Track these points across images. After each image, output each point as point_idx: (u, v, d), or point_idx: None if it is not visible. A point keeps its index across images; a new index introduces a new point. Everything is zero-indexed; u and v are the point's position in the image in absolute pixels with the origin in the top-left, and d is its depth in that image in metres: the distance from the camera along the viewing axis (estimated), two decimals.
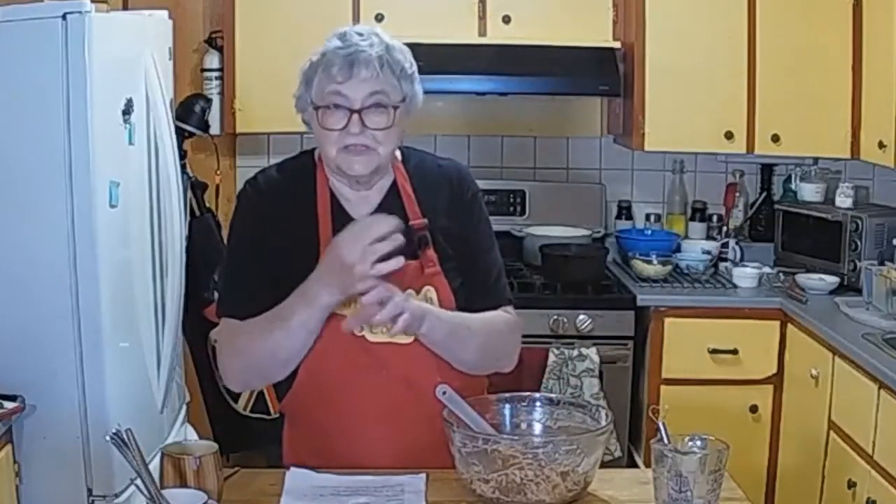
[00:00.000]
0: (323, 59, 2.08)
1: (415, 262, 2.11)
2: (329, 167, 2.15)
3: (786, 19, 3.94)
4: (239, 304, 2.12)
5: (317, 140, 2.14)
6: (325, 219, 2.12)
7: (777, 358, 3.83)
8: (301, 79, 2.14)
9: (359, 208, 2.16)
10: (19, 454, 2.55)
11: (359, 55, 2.05)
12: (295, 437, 2.26)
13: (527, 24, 4.04)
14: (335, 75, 2.05)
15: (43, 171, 2.51)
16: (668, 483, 1.89)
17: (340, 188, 2.16)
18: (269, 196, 2.17)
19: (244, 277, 2.15)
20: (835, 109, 3.89)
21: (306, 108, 2.13)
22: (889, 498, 2.93)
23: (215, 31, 4.17)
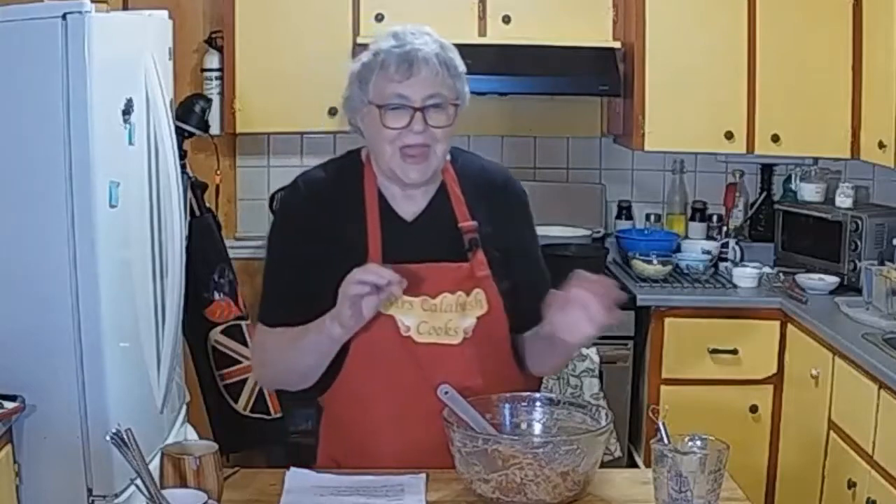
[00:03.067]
0: (377, 59, 2.07)
1: (465, 265, 2.12)
2: (380, 169, 2.13)
3: (786, 19, 3.94)
4: (273, 311, 2.15)
5: (371, 140, 2.12)
6: (374, 219, 2.12)
7: (777, 358, 3.83)
8: (352, 79, 2.11)
9: (407, 208, 2.16)
10: (19, 454, 2.55)
11: (416, 53, 2.06)
12: (331, 432, 2.24)
13: (527, 24, 4.04)
14: (393, 74, 2.05)
15: (43, 171, 2.51)
16: (668, 483, 1.89)
17: (389, 187, 2.15)
18: (312, 199, 2.16)
19: (281, 286, 2.16)
20: (835, 109, 3.89)
21: (360, 108, 2.11)
22: (889, 498, 2.93)
23: (215, 31, 4.17)
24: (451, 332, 2.10)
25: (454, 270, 2.10)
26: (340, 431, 2.20)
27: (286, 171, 4.40)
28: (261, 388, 3.87)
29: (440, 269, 2.10)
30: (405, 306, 2.07)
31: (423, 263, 2.09)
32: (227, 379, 3.85)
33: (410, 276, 2.01)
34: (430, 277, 2.08)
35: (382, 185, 2.16)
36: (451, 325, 2.10)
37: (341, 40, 4.05)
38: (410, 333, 2.08)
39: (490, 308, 2.13)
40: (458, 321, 2.10)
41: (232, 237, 4.32)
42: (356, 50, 4.03)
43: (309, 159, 4.43)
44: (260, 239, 4.43)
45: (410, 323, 2.08)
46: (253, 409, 3.86)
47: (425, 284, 2.08)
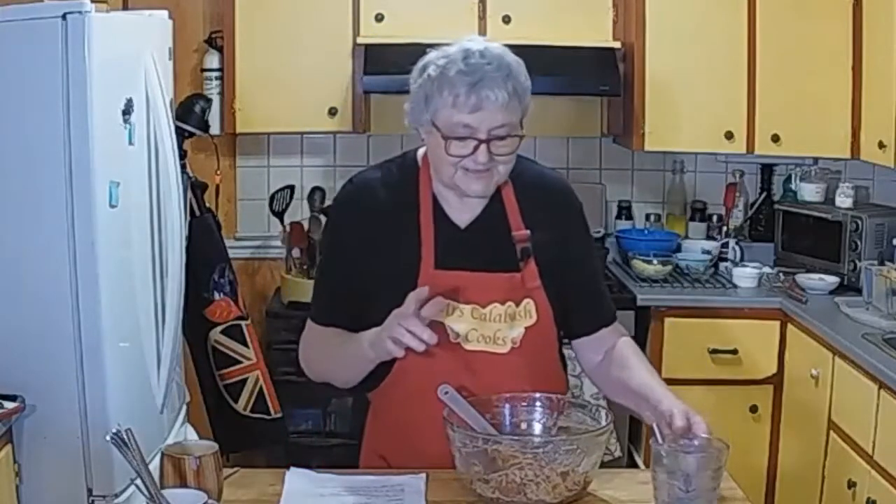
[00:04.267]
0: (445, 80, 2.04)
1: (517, 275, 2.14)
2: (441, 181, 2.14)
3: (786, 19, 3.94)
4: (323, 311, 2.20)
5: (433, 155, 2.12)
6: (428, 225, 2.13)
7: (777, 358, 3.83)
8: (418, 94, 2.10)
9: (461, 214, 2.17)
10: (19, 454, 2.55)
11: (483, 83, 2.02)
12: (378, 427, 2.25)
13: (527, 24, 4.04)
14: (461, 105, 2.02)
15: (43, 171, 2.51)
16: (667, 483, 1.89)
17: (444, 193, 2.16)
18: (365, 203, 2.17)
19: (332, 286, 2.20)
20: (835, 109, 3.89)
21: (423, 123, 2.11)
22: (889, 498, 2.93)
23: (215, 31, 4.17)
24: (499, 341, 2.13)
25: (506, 280, 2.13)
26: (388, 429, 2.22)
27: (286, 171, 4.41)
28: (261, 388, 3.87)
29: (492, 278, 2.13)
30: (456, 313, 2.10)
31: (476, 272, 2.11)
32: (227, 379, 3.85)
33: (462, 285, 2.07)
34: (482, 286, 2.11)
35: (438, 190, 2.17)
36: (499, 335, 2.13)
37: (341, 40, 4.05)
38: (459, 340, 2.11)
39: (539, 318, 2.16)
40: (506, 331, 2.13)
41: (232, 237, 4.32)
42: (356, 50, 4.03)
43: (309, 159, 4.45)
44: (260, 239, 4.45)
45: (460, 330, 2.11)
46: (253, 409, 3.86)
47: (476, 293, 2.11)
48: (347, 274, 2.17)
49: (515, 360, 2.14)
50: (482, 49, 2.07)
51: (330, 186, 4.37)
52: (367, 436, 2.28)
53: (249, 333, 3.86)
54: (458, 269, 2.11)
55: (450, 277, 2.09)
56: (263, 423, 3.88)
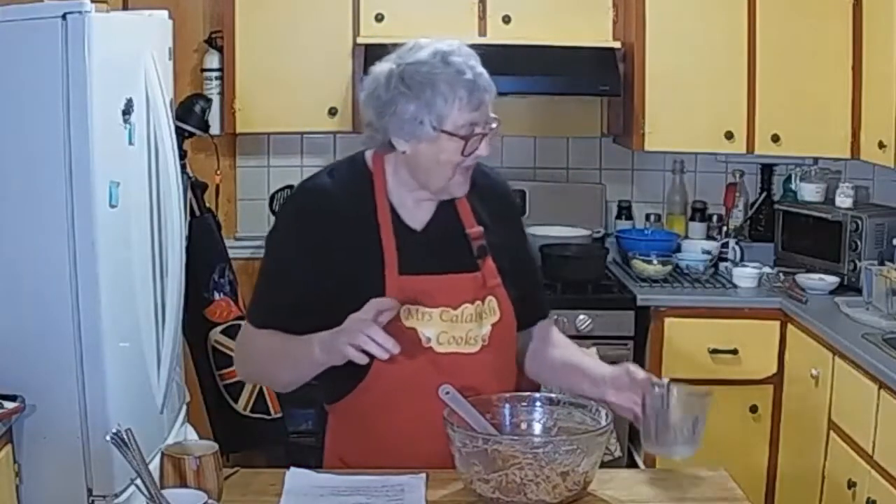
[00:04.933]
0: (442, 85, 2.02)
1: (478, 273, 2.14)
2: (428, 186, 2.11)
3: (786, 19, 3.94)
4: (263, 314, 2.15)
5: (428, 163, 2.07)
6: (387, 229, 2.11)
7: (777, 358, 3.83)
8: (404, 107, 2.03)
9: (416, 216, 2.16)
10: (19, 454, 2.55)
11: (478, 80, 2.05)
12: (343, 430, 2.26)
13: (527, 24, 4.04)
14: (466, 105, 2.03)
15: (43, 171, 2.51)
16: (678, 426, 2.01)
17: (400, 196, 2.15)
18: (319, 208, 2.14)
19: (277, 292, 2.15)
20: (835, 109, 3.89)
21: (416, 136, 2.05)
22: (889, 498, 2.93)
23: (215, 31, 4.17)
24: (470, 341, 2.12)
25: (470, 280, 2.13)
26: (354, 433, 2.21)
27: (286, 171, 4.41)
28: (261, 388, 3.87)
29: (458, 279, 2.12)
30: (425, 318, 2.09)
31: (441, 275, 2.11)
32: (227, 379, 3.85)
33: (429, 288, 2.07)
34: (449, 288, 2.11)
35: (392, 193, 2.15)
36: (470, 335, 2.12)
37: (341, 40, 4.05)
38: (431, 344, 2.10)
39: (502, 314, 2.16)
40: (476, 330, 2.13)
41: (232, 237, 4.32)
42: (356, 50, 4.03)
43: (309, 159, 4.44)
44: (260, 239, 4.39)
45: (431, 334, 2.10)
46: (253, 409, 3.86)
47: (445, 296, 2.10)
48: (299, 281, 2.12)
49: (485, 358, 2.13)
50: (454, 47, 2.07)
51: None
52: (328, 444, 2.29)
53: None
54: (423, 274, 2.09)
55: (416, 282, 2.07)
56: (263, 423, 3.88)
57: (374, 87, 2.07)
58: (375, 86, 2.07)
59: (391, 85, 2.03)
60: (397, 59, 2.06)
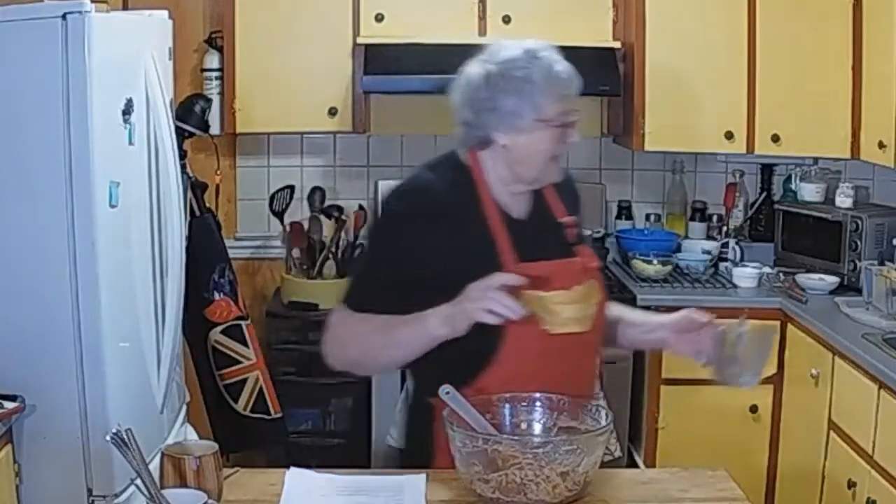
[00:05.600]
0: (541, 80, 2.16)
1: (573, 260, 2.25)
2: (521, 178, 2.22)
3: (786, 19, 3.94)
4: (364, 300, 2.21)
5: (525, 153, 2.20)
6: (496, 220, 2.21)
7: (777, 358, 3.83)
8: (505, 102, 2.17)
9: (515, 207, 2.26)
10: (19, 454, 2.55)
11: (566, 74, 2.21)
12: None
13: (527, 24, 4.04)
14: (562, 97, 2.19)
15: (43, 171, 2.51)
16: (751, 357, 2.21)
17: (498, 189, 2.25)
18: (432, 205, 2.22)
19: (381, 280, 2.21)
20: (835, 109, 3.89)
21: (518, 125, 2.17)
22: (889, 498, 2.93)
23: (215, 31, 4.17)
24: (583, 321, 2.21)
25: (577, 264, 2.25)
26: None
27: (286, 171, 4.41)
28: (261, 388, 3.87)
29: (566, 264, 2.24)
30: (542, 301, 2.15)
31: (552, 260, 2.21)
32: (227, 379, 3.85)
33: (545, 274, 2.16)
34: (562, 272, 2.21)
35: (493, 187, 2.24)
36: (583, 315, 2.21)
37: (341, 40, 4.05)
38: (547, 326, 2.16)
39: (602, 296, 2.29)
40: (587, 310, 2.22)
41: (232, 237, 4.32)
42: (356, 50, 4.03)
43: (309, 159, 4.45)
44: (260, 239, 4.45)
45: (548, 315, 2.16)
46: (253, 409, 3.86)
47: (560, 279, 2.19)
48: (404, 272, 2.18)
49: (592, 338, 2.26)
50: (539, 45, 2.22)
51: (330, 186, 4.38)
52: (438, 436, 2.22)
53: (249, 333, 3.86)
54: (538, 260, 2.19)
55: (532, 268, 2.16)
56: (263, 423, 3.88)
57: (471, 88, 2.21)
58: (473, 86, 2.21)
59: (490, 83, 2.18)
60: (489, 60, 2.20)
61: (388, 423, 3.82)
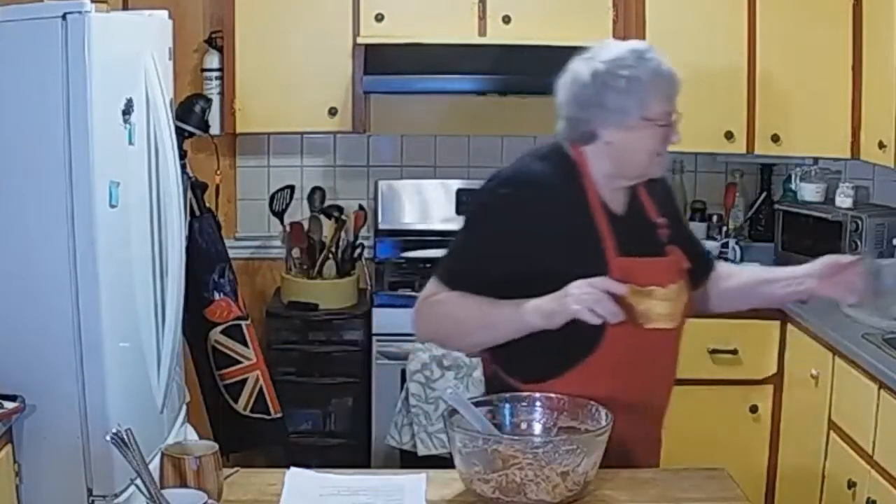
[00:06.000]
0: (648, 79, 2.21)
1: (667, 259, 2.31)
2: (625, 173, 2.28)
3: (786, 19, 3.94)
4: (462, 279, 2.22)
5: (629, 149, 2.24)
6: (600, 214, 2.26)
7: (777, 358, 3.83)
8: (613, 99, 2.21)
9: (615, 202, 2.31)
10: (19, 454, 2.56)
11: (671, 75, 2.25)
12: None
13: (527, 23, 4.04)
14: (667, 96, 2.24)
15: (43, 171, 2.51)
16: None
17: (601, 187, 2.29)
18: (539, 194, 2.25)
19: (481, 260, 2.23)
20: (835, 109, 3.88)
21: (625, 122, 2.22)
22: (889, 498, 2.93)
23: (215, 31, 4.17)
24: (674, 318, 2.26)
25: (672, 262, 2.31)
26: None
27: (286, 171, 4.41)
28: (261, 388, 3.87)
29: (661, 261, 2.30)
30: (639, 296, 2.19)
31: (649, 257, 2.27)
32: (227, 379, 3.85)
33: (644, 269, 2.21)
34: (657, 269, 2.26)
35: (596, 182, 2.29)
36: (673, 311, 2.26)
37: (341, 40, 4.05)
38: (642, 321, 2.20)
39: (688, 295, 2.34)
40: (677, 307, 2.27)
41: (232, 237, 4.32)
42: (356, 50, 4.03)
43: (309, 159, 4.45)
44: (260, 239, 4.45)
45: (643, 311, 2.20)
46: (253, 409, 3.86)
47: (656, 275, 2.24)
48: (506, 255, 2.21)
49: (677, 334, 2.32)
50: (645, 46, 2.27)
51: (330, 186, 4.38)
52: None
53: (249, 333, 3.86)
54: (636, 256, 2.24)
55: (631, 263, 2.21)
56: (263, 423, 3.88)
57: (577, 84, 2.25)
58: (579, 83, 2.25)
59: (597, 80, 2.22)
60: (595, 58, 2.24)
61: (388, 423, 3.87)
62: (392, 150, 4.46)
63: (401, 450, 3.83)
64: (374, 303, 4.00)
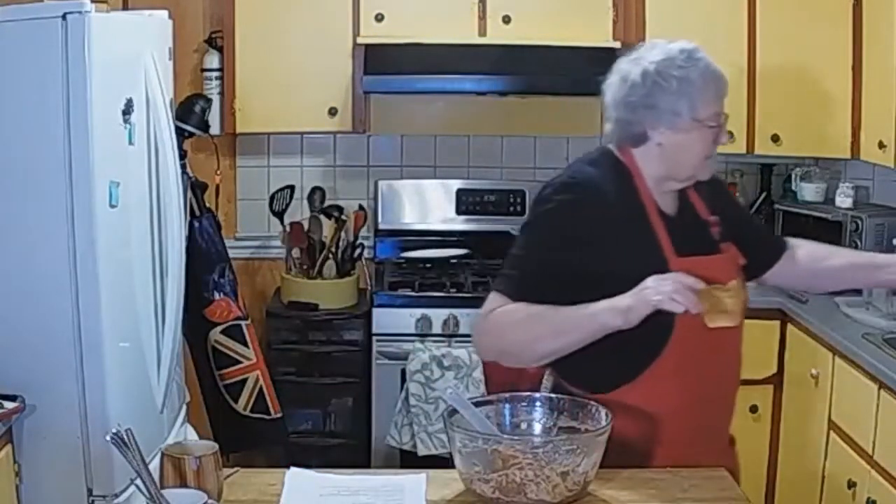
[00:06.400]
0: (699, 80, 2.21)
1: (723, 256, 2.32)
2: (675, 176, 2.28)
3: (786, 19, 3.94)
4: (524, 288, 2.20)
5: (681, 150, 2.24)
6: (655, 216, 2.26)
7: (777, 358, 3.83)
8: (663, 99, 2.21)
9: (667, 207, 2.31)
10: (19, 454, 2.56)
11: (721, 76, 2.25)
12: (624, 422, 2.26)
13: (527, 24, 4.04)
14: (716, 98, 2.24)
15: (43, 171, 2.51)
16: None
17: (652, 189, 2.30)
18: (595, 198, 2.25)
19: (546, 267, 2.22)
20: (835, 109, 3.89)
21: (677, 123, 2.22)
22: (889, 498, 2.93)
23: (215, 31, 4.17)
24: (736, 315, 2.23)
25: (727, 260, 2.32)
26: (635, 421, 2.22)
27: (286, 171, 4.41)
28: (261, 388, 3.87)
29: (718, 259, 2.30)
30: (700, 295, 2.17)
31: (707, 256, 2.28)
32: (227, 379, 3.85)
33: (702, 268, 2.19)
34: (715, 268, 2.25)
35: (647, 183, 2.29)
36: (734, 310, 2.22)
37: (341, 40, 4.05)
38: (706, 319, 2.17)
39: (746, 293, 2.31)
40: (739, 305, 2.24)
41: (232, 237, 4.32)
42: (356, 50, 4.03)
43: (309, 159, 4.45)
44: (260, 239, 4.45)
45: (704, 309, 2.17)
46: (253, 409, 3.86)
47: (715, 273, 2.21)
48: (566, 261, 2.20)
49: (739, 332, 2.33)
50: (693, 46, 2.26)
51: (330, 186, 4.38)
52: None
53: (249, 333, 3.86)
54: (693, 255, 2.24)
55: (690, 262, 2.20)
56: (263, 423, 3.88)
57: (627, 86, 2.25)
58: (629, 84, 2.25)
59: (648, 82, 2.21)
60: (644, 59, 2.24)
61: (388, 423, 3.87)
62: (392, 150, 4.46)
63: (401, 450, 3.83)
64: (374, 303, 4.00)
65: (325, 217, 4.24)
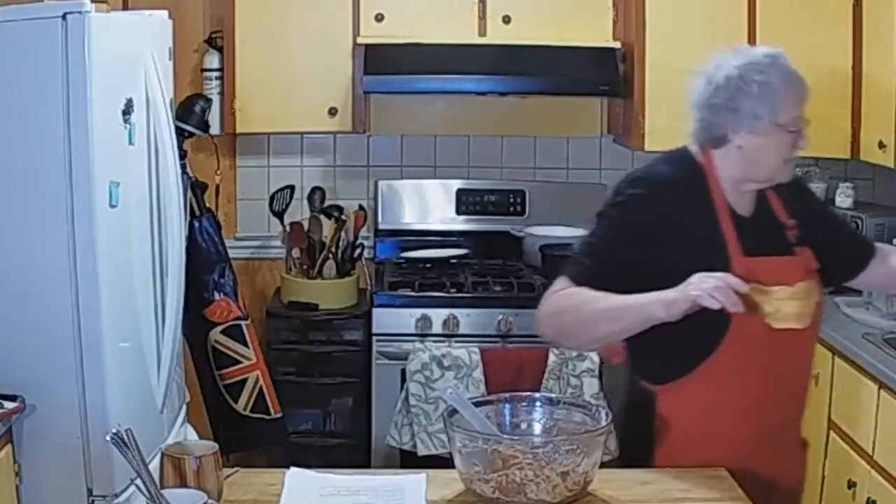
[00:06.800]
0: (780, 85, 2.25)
1: (795, 259, 2.32)
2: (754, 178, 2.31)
3: (786, 19, 3.93)
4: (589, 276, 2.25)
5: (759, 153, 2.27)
6: (725, 216, 2.29)
7: None
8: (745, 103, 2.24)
9: (741, 205, 2.34)
10: (19, 454, 2.55)
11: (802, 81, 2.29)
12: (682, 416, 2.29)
13: (527, 24, 4.04)
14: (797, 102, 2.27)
15: (43, 171, 2.51)
16: None
17: (728, 190, 2.33)
18: (666, 196, 2.29)
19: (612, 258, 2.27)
20: (835, 109, 3.88)
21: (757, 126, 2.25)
22: (889, 498, 2.93)
23: (215, 31, 4.17)
24: (803, 318, 2.25)
25: (797, 262, 2.31)
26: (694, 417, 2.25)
27: (286, 171, 4.41)
28: (261, 388, 3.87)
29: (788, 261, 2.30)
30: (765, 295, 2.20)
31: (776, 256, 2.29)
32: (227, 379, 3.85)
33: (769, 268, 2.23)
34: (785, 268, 2.27)
35: (723, 184, 2.32)
36: (804, 311, 2.25)
37: (341, 40, 4.05)
38: (769, 320, 2.20)
39: (820, 296, 2.34)
40: (807, 308, 2.26)
41: (232, 237, 4.32)
42: (356, 50, 4.03)
43: (309, 159, 4.45)
44: (260, 239, 4.45)
45: (770, 309, 2.20)
46: (253, 409, 3.86)
47: (783, 274, 2.24)
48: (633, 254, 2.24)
49: (811, 334, 2.33)
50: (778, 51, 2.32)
51: (330, 186, 4.38)
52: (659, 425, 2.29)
53: (249, 333, 3.86)
54: (762, 255, 2.25)
55: (757, 263, 2.23)
56: (263, 423, 3.88)
57: (710, 88, 2.29)
58: (712, 86, 2.29)
59: (731, 85, 2.26)
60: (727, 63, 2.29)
61: (388, 423, 3.87)
62: (392, 150, 4.46)
63: (401, 450, 3.83)
64: (374, 303, 4.00)
65: (325, 217, 4.24)
